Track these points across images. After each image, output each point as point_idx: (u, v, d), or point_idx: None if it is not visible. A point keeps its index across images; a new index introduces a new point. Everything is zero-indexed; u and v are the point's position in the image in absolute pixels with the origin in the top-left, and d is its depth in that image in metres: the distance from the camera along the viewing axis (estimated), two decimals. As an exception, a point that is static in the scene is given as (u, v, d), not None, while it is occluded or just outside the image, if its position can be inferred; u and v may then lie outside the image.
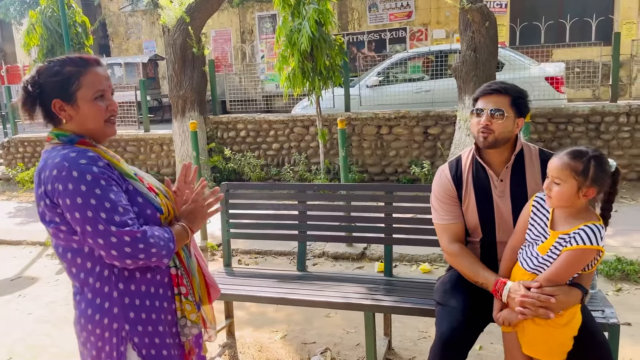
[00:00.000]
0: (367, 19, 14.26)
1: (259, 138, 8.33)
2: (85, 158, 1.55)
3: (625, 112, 6.83)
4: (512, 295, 1.99)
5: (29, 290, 4.53)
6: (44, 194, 1.57)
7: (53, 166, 1.54)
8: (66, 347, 3.43)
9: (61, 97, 1.60)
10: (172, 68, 8.00)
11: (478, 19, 6.21)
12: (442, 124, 7.44)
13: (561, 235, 1.89)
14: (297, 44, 6.28)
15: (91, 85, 1.63)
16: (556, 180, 1.86)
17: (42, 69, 1.63)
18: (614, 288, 3.89)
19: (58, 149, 1.60)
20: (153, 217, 1.66)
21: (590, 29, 9.14)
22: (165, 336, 1.70)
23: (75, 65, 1.63)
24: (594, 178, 1.82)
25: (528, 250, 2.01)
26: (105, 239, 1.52)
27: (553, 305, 1.89)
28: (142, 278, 1.66)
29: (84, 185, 1.51)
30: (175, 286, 1.73)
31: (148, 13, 16.17)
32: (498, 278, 2.08)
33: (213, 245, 5.29)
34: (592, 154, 1.84)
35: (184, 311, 1.73)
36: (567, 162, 1.85)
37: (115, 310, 1.62)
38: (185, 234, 1.72)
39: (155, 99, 14.52)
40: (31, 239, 5.92)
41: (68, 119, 1.63)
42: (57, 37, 7.77)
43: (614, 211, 2.06)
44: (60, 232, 1.60)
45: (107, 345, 1.62)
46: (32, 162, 9.35)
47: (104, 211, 1.51)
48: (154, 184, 1.78)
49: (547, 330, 1.93)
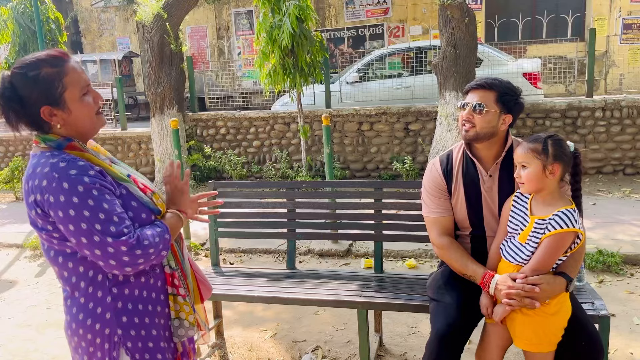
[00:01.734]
0: (344, 15, 14.25)
1: (239, 135, 8.26)
2: (75, 168, 1.49)
3: (601, 107, 6.98)
4: (500, 287, 2.03)
5: (7, 294, 4.41)
6: (34, 203, 1.51)
7: (42, 176, 1.48)
8: (50, 351, 3.35)
9: (49, 102, 1.52)
10: (149, 65, 7.86)
11: (458, 15, 6.26)
12: (422, 119, 7.49)
13: (537, 220, 1.97)
14: (278, 40, 6.24)
15: (76, 83, 1.55)
16: (523, 164, 2.01)
17: (16, 78, 1.51)
18: (596, 280, 3.97)
19: (47, 155, 1.53)
20: (148, 220, 1.63)
21: (562, 25, 9.32)
22: (159, 340, 1.67)
23: (52, 66, 1.52)
24: (555, 155, 1.97)
25: (510, 242, 2.08)
26: (102, 250, 1.48)
27: (538, 295, 1.94)
28: (136, 282, 1.63)
29: (75, 197, 1.46)
30: (169, 285, 1.70)
31: (121, 9, 15.86)
32: (486, 271, 2.12)
33: (197, 245, 5.23)
34: (546, 135, 2.02)
35: (181, 312, 1.71)
36: (528, 146, 2.01)
37: (107, 315, 1.58)
38: (179, 219, 1.71)
39: (131, 97, 14.26)
40: (7, 241, 5.76)
41: (61, 124, 1.55)
42: (29, 33, 7.58)
43: (592, 204, 2.17)
44: (53, 238, 1.55)
45: (99, 351, 1.59)
46: (4, 162, 9.10)
47: (98, 222, 1.47)
48: (148, 184, 1.75)
49: (536, 320, 1.97)
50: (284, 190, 3.41)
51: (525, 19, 8.74)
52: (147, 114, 8.30)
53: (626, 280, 4.00)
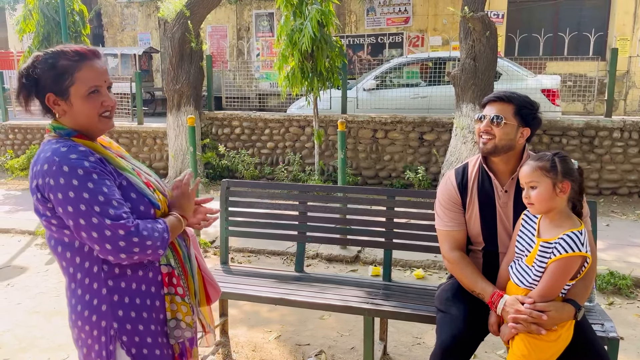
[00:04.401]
0: (364, 22, 14.28)
1: (253, 136, 8.29)
2: (75, 152, 1.52)
3: (620, 127, 6.91)
4: (507, 309, 2.01)
5: (17, 279, 4.46)
6: (35, 187, 1.54)
7: (44, 160, 1.51)
8: (56, 339, 3.38)
9: (54, 91, 1.57)
10: (169, 61, 7.94)
11: (479, 28, 6.25)
12: (438, 130, 7.47)
13: (543, 243, 1.93)
14: (298, 43, 6.27)
15: (85, 81, 1.58)
16: (532, 185, 1.96)
17: (38, 59, 1.58)
18: (606, 302, 3.93)
19: (52, 142, 1.57)
20: (146, 212, 1.62)
21: (583, 43, 9.25)
22: (157, 335, 1.65)
23: (69, 59, 1.58)
24: (564, 172, 1.93)
25: (517, 264, 2.05)
26: (99, 232, 1.48)
27: (545, 322, 1.90)
28: (133, 275, 1.61)
29: (75, 179, 1.48)
30: (165, 285, 1.68)
31: (144, 5, 16.04)
32: (495, 290, 2.10)
33: (206, 242, 5.25)
34: (553, 153, 1.98)
35: (178, 312, 1.68)
36: (536, 165, 1.96)
37: (103, 307, 1.57)
38: (179, 223, 1.69)
39: (148, 92, 14.39)
40: (20, 228, 5.83)
41: (62, 114, 1.60)
42: (53, 24, 7.68)
43: (605, 225, 2.12)
44: (51, 225, 1.57)
45: (96, 343, 1.59)
46: (21, 150, 9.22)
47: (97, 204, 1.48)
48: (152, 180, 1.75)
49: (533, 342, 1.94)
50: (296, 192, 3.42)
51: (547, 35, 8.67)
52: (164, 109, 8.35)
53: (636, 303, 3.94)
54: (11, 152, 9.21)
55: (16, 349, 3.29)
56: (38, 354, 3.22)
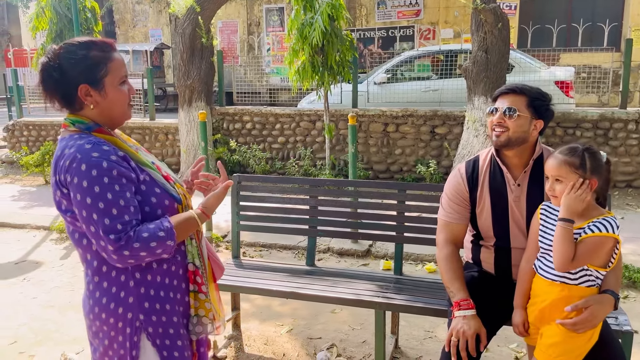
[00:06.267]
0: (375, 15, 14.19)
1: (264, 131, 8.30)
2: (98, 151, 1.53)
3: (635, 119, 6.82)
4: (453, 324, 2.05)
5: (33, 274, 4.52)
6: (58, 182, 1.56)
7: (68, 156, 1.53)
8: (71, 333, 3.42)
9: (88, 82, 1.58)
10: (180, 57, 7.96)
11: (491, 19, 6.18)
12: (449, 123, 7.43)
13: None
14: (309, 37, 6.25)
15: (117, 71, 1.62)
16: (558, 179, 1.91)
17: (62, 52, 1.58)
18: (620, 295, 3.87)
19: (75, 137, 1.58)
20: (171, 207, 1.65)
21: (597, 34, 9.12)
22: (179, 327, 1.70)
23: (101, 50, 1.61)
24: (592, 168, 1.88)
25: (545, 260, 1.99)
26: (96, 240, 1.53)
27: (594, 320, 1.88)
28: (159, 268, 1.65)
29: (86, 180, 1.50)
30: (191, 283, 1.72)
31: (156, 1, 16.09)
32: (466, 298, 2.10)
33: (218, 237, 5.28)
34: (583, 147, 1.92)
35: (201, 309, 1.73)
36: (564, 159, 1.91)
37: (130, 299, 1.61)
38: (195, 224, 1.67)
39: (160, 88, 14.47)
40: (35, 223, 5.90)
41: (95, 105, 1.60)
42: (66, 21, 7.73)
43: (620, 218, 2.05)
44: (76, 220, 1.58)
45: (120, 335, 1.61)
46: (36, 146, 9.31)
47: (96, 212, 1.50)
48: (170, 173, 1.77)
49: (570, 346, 1.90)
50: (307, 187, 3.42)
51: (561, 26, 8.57)
52: (175, 105, 8.40)
53: (652, 297, 3.90)
54: (26, 148, 9.29)
55: (32, 342, 3.34)
56: (53, 347, 3.27)
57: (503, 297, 2.22)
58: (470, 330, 2.01)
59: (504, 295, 2.22)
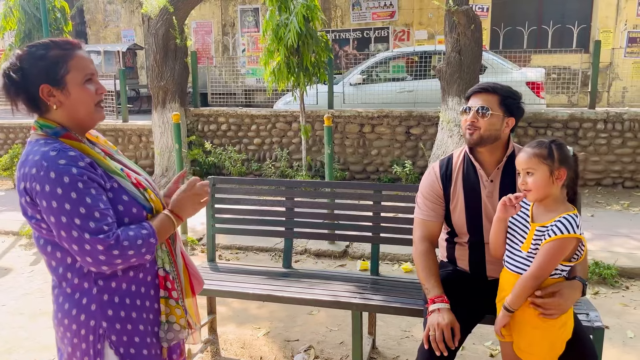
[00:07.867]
0: (350, 16, 14.25)
1: (240, 132, 8.25)
2: (65, 158, 1.48)
3: (603, 119, 6.98)
4: (429, 320, 2.08)
5: (2, 281, 4.40)
6: (24, 190, 1.51)
7: (33, 164, 1.48)
8: (42, 341, 3.34)
9: (49, 81, 1.53)
10: (153, 58, 7.85)
11: (464, 21, 6.26)
12: (424, 124, 7.49)
13: (539, 227, 1.94)
14: (284, 38, 6.24)
15: (80, 69, 1.57)
16: (529, 171, 1.97)
17: (23, 54, 1.55)
18: (591, 292, 3.97)
19: (41, 142, 1.53)
20: (139, 215, 1.60)
21: (567, 36, 9.32)
22: (145, 335, 1.64)
23: (61, 48, 1.56)
24: (560, 159, 1.95)
25: (513, 252, 2.04)
26: (79, 246, 1.47)
27: (563, 304, 1.92)
28: (124, 276, 1.60)
29: (60, 188, 1.46)
30: (162, 288, 1.67)
31: (128, 1, 15.85)
32: (442, 295, 2.14)
33: (193, 240, 5.22)
34: (550, 140, 2.00)
35: (172, 315, 1.68)
36: (533, 152, 1.97)
37: (92, 307, 1.56)
38: (171, 224, 1.66)
39: (133, 89, 14.25)
40: (3, 229, 5.75)
41: (58, 105, 1.56)
42: (35, 21, 7.56)
43: (590, 216, 2.13)
44: (42, 228, 1.54)
45: (83, 342, 1.57)
46: (4, 149, 9.08)
47: (78, 217, 1.46)
48: (141, 179, 1.71)
49: (544, 334, 1.94)
50: (283, 188, 3.41)
51: (531, 28, 8.73)
52: (149, 107, 8.28)
53: (621, 293, 4.00)
54: (-6, 151, 9.06)
55: (2, 350, 3.25)
56: (24, 355, 3.18)
57: (477, 296, 2.26)
58: (445, 322, 2.04)
59: (478, 293, 2.26)
